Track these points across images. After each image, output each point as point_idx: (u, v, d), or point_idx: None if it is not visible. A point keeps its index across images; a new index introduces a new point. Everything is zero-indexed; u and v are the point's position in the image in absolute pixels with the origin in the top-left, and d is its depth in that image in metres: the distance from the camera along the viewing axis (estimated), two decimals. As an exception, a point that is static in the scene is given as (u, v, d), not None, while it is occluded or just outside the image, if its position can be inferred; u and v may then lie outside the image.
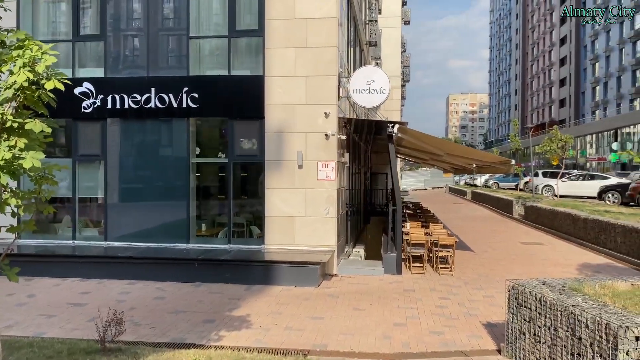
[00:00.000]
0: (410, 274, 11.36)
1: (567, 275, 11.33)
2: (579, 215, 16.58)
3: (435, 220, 15.73)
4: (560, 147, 25.19)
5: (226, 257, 10.55)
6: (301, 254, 10.78)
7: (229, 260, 10.41)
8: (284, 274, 10.14)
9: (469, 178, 51.81)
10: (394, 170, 11.05)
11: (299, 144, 11.13)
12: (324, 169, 11.07)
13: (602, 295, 5.54)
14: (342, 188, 12.18)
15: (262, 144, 11.30)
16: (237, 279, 10.22)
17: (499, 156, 10.75)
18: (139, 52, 12.14)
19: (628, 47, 59.38)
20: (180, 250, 11.43)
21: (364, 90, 11.03)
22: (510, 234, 19.04)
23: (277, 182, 11.22)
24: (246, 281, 10.17)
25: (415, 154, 16.58)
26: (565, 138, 24.74)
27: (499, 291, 9.83)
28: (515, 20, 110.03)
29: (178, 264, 10.60)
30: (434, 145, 11.90)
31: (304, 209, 11.14)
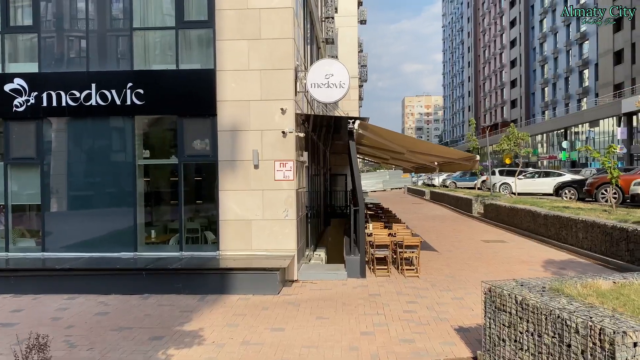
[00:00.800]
0: (374, 277, 10.82)
1: (534, 273, 11.07)
2: (540, 212, 16.53)
3: (398, 220, 15.31)
4: (517, 145, 25.40)
5: (177, 265, 9.71)
6: (259, 260, 10.06)
7: (180, 269, 9.58)
8: (240, 281, 9.40)
9: (427, 178, 52.17)
10: (355, 168, 10.51)
11: (254, 142, 10.43)
12: (281, 169, 10.40)
13: (587, 296, 5.11)
14: (301, 189, 11.54)
15: (215, 142, 10.52)
16: (189, 289, 9.40)
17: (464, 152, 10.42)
18: (78, 44, 11.13)
19: (575, 49, 61.47)
20: (127, 259, 10.50)
21: (323, 84, 10.44)
22: (472, 232, 18.88)
23: (232, 183, 10.47)
24: (200, 291, 9.37)
25: (376, 153, 16.12)
26: (522, 135, 24.98)
27: (467, 292, 9.42)
28: (467, 24, 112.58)
29: (124, 274, 9.67)
30: (395, 142, 11.44)
31: (261, 212, 10.43)
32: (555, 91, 67.55)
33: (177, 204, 10.77)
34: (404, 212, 25.75)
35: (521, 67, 78.55)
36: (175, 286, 9.40)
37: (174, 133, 10.85)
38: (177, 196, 10.75)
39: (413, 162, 16.04)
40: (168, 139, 11.22)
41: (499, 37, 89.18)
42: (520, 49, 78.90)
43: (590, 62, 57.77)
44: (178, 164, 10.67)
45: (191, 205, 11.08)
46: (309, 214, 14.67)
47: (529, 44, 76.56)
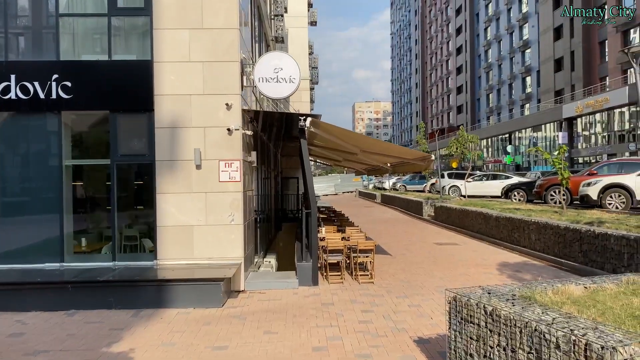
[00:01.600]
0: (327, 284, 10.18)
1: (490, 277, 10.75)
2: (491, 214, 16.42)
3: (351, 223, 14.76)
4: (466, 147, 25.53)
5: (108, 277, 8.71)
6: (201, 270, 9.21)
7: (111, 281, 8.58)
8: (180, 294, 8.52)
9: (378, 181, 52.25)
10: (306, 169, 9.85)
11: (196, 140, 9.58)
12: (227, 169, 9.60)
13: (561, 304, 4.64)
14: (249, 191, 10.76)
15: (152, 141, 9.59)
16: (122, 304, 8.43)
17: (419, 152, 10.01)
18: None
19: (518, 56, 63.49)
20: (51, 271, 9.38)
21: (271, 79, 9.71)
22: (424, 235, 18.63)
23: (171, 185, 9.57)
24: (134, 305, 8.42)
25: (328, 154, 15.55)
26: (471, 138, 25.11)
27: (424, 299, 8.92)
28: (415, 31, 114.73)
29: (46, 288, 8.58)
30: (349, 142, 10.88)
31: (204, 217, 9.58)
32: (500, 97, 69.55)
33: (109, 208, 9.74)
34: (356, 215, 25.33)
35: (467, 73, 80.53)
36: (106, 300, 8.40)
37: (106, 130, 9.82)
38: (109, 200, 9.73)
39: (366, 163, 15.56)
40: (100, 137, 10.17)
41: (446, 45, 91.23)
42: (466, 56, 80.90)
43: (532, 69, 59.78)
44: (110, 164, 9.66)
45: (126, 211, 10.07)
46: (259, 218, 13.89)
47: (474, 51, 78.60)
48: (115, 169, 9.70)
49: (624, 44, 41.93)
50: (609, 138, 42.19)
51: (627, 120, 40.09)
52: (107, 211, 9.83)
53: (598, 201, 16.25)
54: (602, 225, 11.42)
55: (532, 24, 59.22)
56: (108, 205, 9.77)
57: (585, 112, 43.36)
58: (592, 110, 42.28)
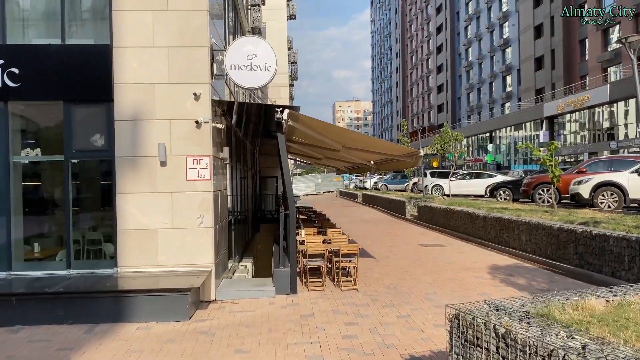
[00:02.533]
0: (307, 292, 9.32)
1: (482, 281, 10.02)
2: (478, 214, 15.74)
3: (332, 225, 13.93)
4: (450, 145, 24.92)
5: (58, 288, 7.71)
6: (167, 278, 8.27)
7: (62, 293, 7.58)
8: (142, 306, 7.57)
9: (359, 181, 51.59)
10: (284, 166, 8.98)
11: (161, 134, 8.63)
12: (195, 166, 8.67)
13: (587, 324, 3.86)
14: (221, 191, 9.84)
15: (111, 134, 8.61)
16: (75, 318, 7.46)
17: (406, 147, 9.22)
18: None
19: (498, 55, 63.46)
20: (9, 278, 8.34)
21: (245, 66, 8.81)
22: (407, 235, 17.90)
23: (133, 184, 8.60)
24: (88, 319, 7.45)
25: (308, 152, 14.68)
26: (455, 136, 24.51)
27: (414, 308, 8.12)
28: (395, 30, 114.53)
29: (-13, 302, 7.55)
30: (330, 137, 10.04)
31: (170, 219, 8.64)
32: (480, 96, 69.53)
33: (63, 210, 8.72)
34: (337, 215, 24.52)
35: (447, 72, 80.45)
36: (57, 314, 7.42)
37: (59, 123, 8.80)
38: (63, 201, 8.71)
39: (349, 161, 14.74)
40: (53, 130, 9.13)
41: (426, 43, 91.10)
42: (446, 55, 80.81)
43: (512, 68, 59.77)
44: (64, 161, 8.64)
45: (83, 213, 9.07)
46: (234, 219, 12.98)
47: (454, 50, 78.55)
48: (70, 166, 8.69)
49: (604, 42, 41.96)
50: (590, 136, 42.17)
51: (607, 119, 40.09)
52: (61, 213, 8.81)
53: (589, 200, 15.69)
54: (598, 225, 10.78)
55: (513, 23, 59.20)
56: (59, 205, 8.75)
57: (567, 110, 43.29)
58: (573, 108, 42.21)
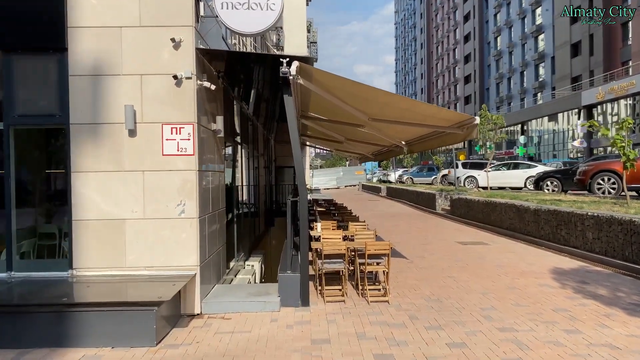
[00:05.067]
0: (323, 303, 7.12)
1: (550, 290, 7.68)
2: (528, 207, 13.31)
3: (355, 218, 11.68)
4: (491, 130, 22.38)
5: None
6: (134, 285, 6.18)
7: None
8: (92, 325, 5.46)
9: (383, 174, 49.17)
10: (293, 138, 6.79)
11: (129, 94, 6.51)
12: (174, 137, 6.53)
13: None
14: (213, 172, 7.68)
15: (65, 95, 6.52)
16: (1, 340, 5.39)
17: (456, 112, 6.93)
18: None
19: (530, 42, 60.13)
20: None
21: (240, 4, 6.62)
22: (441, 232, 15.55)
23: (93, 161, 6.51)
24: (18, 343, 5.38)
25: (327, 133, 12.39)
26: (495, 118, 21.95)
27: (469, 331, 5.85)
28: (420, 20, 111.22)
29: None
30: (355, 104, 7.73)
31: (141, 207, 6.52)
32: (511, 86, 66.23)
33: (3, 194, 6.66)
34: (359, 209, 22.27)
35: (475, 62, 77.15)
36: (-27, 336, 5.36)
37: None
38: (2, 181, 6.65)
39: (375, 142, 12.41)
40: None
41: (453, 32, 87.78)
42: (474, 44, 77.50)
43: (546, 55, 56.45)
44: (4, 129, 6.58)
45: (29, 197, 7.01)
46: (238, 211, 10.90)
47: (483, 39, 75.20)
48: (12, 136, 6.62)
49: (651, 24, 38.67)
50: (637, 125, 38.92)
51: (655, 107, 36.84)
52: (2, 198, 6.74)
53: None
54: (701, 220, 8.32)
55: (546, 7, 55.79)
56: (1, 190, 6.69)
57: (607, 98, 40.07)
58: (616, 96, 38.99)
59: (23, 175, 6.87)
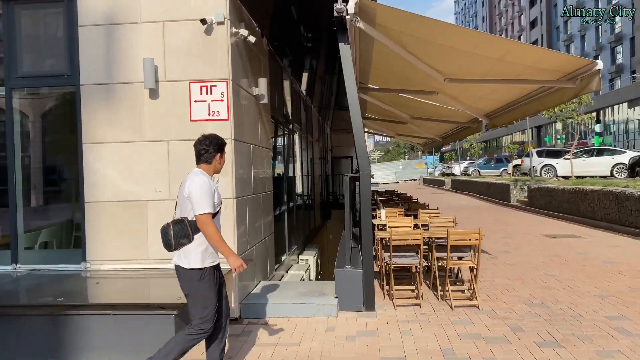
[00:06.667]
0: (392, 307, 5.61)
1: None
2: (630, 193, 11.18)
3: (423, 206, 10.05)
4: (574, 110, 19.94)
5: None
6: (156, 282, 4.96)
7: None
8: (99, 333, 4.24)
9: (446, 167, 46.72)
10: (350, 95, 5.31)
11: (149, 45, 5.27)
12: (204, 98, 5.24)
13: None
14: (253, 145, 6.35)
15: (74, 50, 5.37)
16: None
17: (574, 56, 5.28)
18: None
19: (605, 24, 55.51)
20: None
21: None
22: (522, 224, 13.60)
23: (108, 129, 5.32)
24: (10, 355, 4.23)
25: (387, 110, 10.71)
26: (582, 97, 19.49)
27: (600, 349, 4.18)
28: (482, 8, 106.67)
29: None
30: (430, 60, 6.11)
31: (165, 184, 5.27)
32: (583, 72, 61.52)
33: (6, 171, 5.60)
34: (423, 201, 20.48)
35: (543, 48, 72.46)
36: (-49, 345, 4.26)
37: None
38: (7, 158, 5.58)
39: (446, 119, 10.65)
40: None
41: (517, 19, 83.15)
42: (541, 30, 72.86)
43: (624, 37, 51.80)
44: (5, 92, 5.51)
45: (38, 176, 5.94)
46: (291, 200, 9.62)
47: (551, 23, 70.55)
48: (15, 100, 5.55)
49: None
50: None
51: None
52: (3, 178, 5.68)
53: None
54: None
55: (624, -15, 51.18)
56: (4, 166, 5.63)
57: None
58: None
59: (29, 147, 5.80)
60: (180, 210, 3.52)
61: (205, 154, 3.55)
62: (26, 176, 5.70)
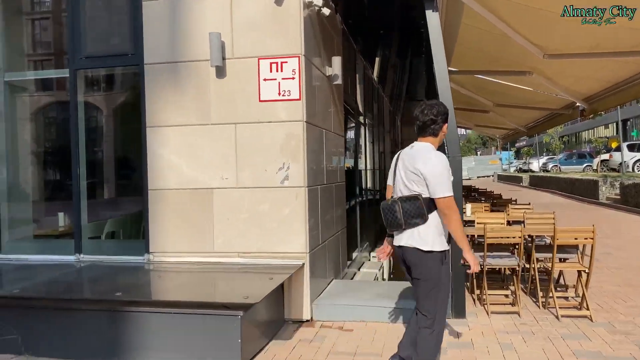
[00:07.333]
0: (485, 315, 4.88)
1: None
2: None
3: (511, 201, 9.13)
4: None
5: (13, 290, 4.28)
6: (222, 277, 4.53)
7: (19, 298, 4.13)
8: (157, 333, 3.83)
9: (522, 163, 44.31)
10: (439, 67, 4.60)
11: (215, 19, 4.83)
12: (274, 76, 4.74)
13: None
14: (326, 131, 5.79)
15: (138, 27, 5.02)
16: (38, 346, 3.98)
17: None
18: None
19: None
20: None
21: None
22: (618, 224, 12.22)
23: (172, 111, 4.94)
24: (61, 352, 3.92)
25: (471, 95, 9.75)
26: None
27: None
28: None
29: None
30: (528, 27, 5.23)
31: (232, 171, 4.82)
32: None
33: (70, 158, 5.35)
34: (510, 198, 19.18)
35: None
36: (10, 339, 4.00)
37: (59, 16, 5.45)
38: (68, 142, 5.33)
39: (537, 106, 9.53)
40: (52, 30, 5.84)
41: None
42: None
43: None
44: (69, 75, 5.26)
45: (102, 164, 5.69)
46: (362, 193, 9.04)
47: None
48: (79, 82, 5.29)
49: None
50: None
51: None
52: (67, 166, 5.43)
53: None
54: None
55: None
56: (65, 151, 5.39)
57: None
58: None
59: (91, 130, 5.55)
60: (404, 185, 3.18)
61: (432, 125, 3.21)
62: (90, 163, 5.45)
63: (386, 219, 3.18)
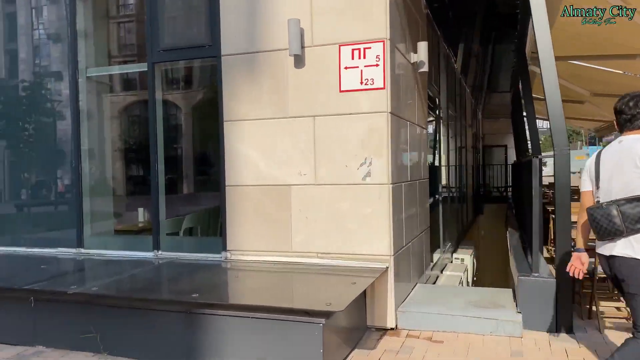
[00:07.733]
0: (596, 330, 4.28)
1: None
2: None
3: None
4: None
5: (92, 286, 4.22)
6: (300, 279, 4.28)
7: (92, 296, 4.05)
8: (235, 336, 3.63)
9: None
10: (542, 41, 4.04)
11: (294, 5, 4.55)
12: (355, 63, 4.39)
13: None
14: (411, 123, 5.38)
15: (215, 16, 4.84)
16: (115, 344, 3.91)
17: None
18: None
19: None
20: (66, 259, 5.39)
21: None
22: None
23: (249, 105, 4.73)
24: (138, 351, 3.82)
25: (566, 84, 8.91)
26: None
27: None
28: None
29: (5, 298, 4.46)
30: None
31: (310, 167, 4.53)
32: None
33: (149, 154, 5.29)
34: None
35: None
36: (87, 336, 3.95)
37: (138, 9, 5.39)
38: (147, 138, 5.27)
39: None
40: (136, 32, 5.81)
41: None
42: None
43: None
44: (148, 70, 5.19)
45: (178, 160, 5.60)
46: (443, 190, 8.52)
47: None
48: (157, 76, 5.21)
49: None
50: None
51: None
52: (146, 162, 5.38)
53: None
54: None
55: None
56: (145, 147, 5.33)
57: None
58: None
59: (168, 127, 5.47)
60: (618, 184, 2.83)
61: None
62: (169, 159, 5.39)
63: (599, 226, 2.82)
